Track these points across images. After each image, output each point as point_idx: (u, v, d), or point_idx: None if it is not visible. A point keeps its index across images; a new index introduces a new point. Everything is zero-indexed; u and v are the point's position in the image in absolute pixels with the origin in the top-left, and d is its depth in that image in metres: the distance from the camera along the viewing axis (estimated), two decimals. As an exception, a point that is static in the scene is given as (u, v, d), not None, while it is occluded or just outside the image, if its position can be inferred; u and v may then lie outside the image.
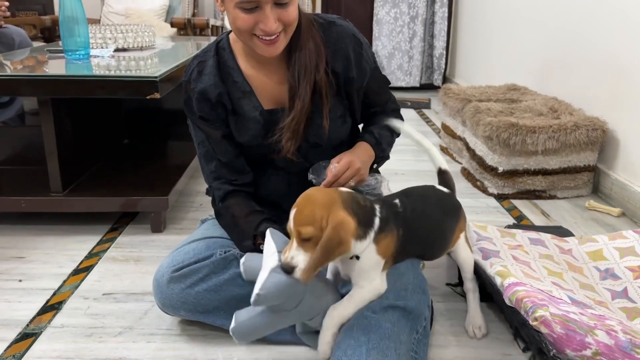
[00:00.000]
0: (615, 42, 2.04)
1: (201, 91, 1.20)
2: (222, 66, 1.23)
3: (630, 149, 1.95)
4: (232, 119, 1.24)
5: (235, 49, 1.24)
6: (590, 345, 1.04)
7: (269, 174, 1.31)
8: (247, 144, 1.25)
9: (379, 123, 1.36)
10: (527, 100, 2.43)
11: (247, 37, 1.11)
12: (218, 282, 1.17)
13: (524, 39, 2.94)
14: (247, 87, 1.22)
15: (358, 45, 1.26)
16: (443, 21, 4.18)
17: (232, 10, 1.08)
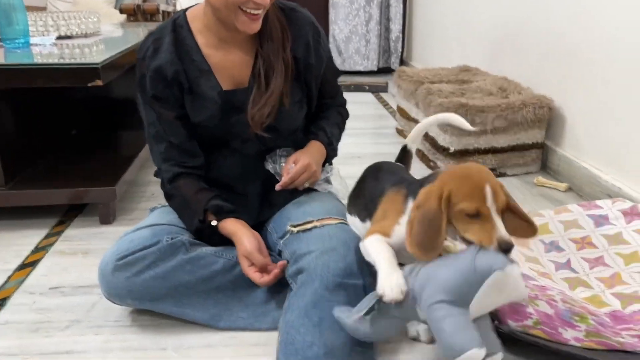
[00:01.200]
0: (563, 23, 2.08)
1: (157, 68, 1.18)
2: (180, 43, 1.21)
3: (576, 126, 2.01)
4: (188, 98, 1.22)
5: (194, 26, 1.22)
6: (531, 315, 1.08)
7: (224, 156, 1.30)
8: (202, 125, 1.24)
9: (328, 117, 1.40)
10: (478, 80, 2.47)
11: (232, 11, 1.11)
12: (165, 269, 1.15)
13: (476, 21, 2.98)
14: (206, 65, 1.21)
15: (317, 34, 1.30)
16: (398, 4, 4.20)
17: None
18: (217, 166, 1.30)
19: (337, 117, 1.45)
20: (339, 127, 1.43)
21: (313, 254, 1.11)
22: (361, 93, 3.83)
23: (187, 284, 1.16)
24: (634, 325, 1.15)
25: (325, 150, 1.35)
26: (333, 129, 1.40)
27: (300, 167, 1.24)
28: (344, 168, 2.35)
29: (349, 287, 1.07)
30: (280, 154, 1.31)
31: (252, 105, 1.22)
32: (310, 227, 1.19)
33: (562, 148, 2.09)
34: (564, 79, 2.08)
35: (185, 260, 1.16)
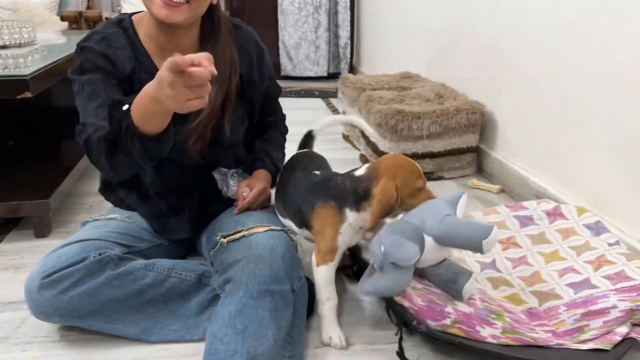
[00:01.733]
0: (494, 30, 2.17)
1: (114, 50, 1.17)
2: (131, 42, 1.21)
3: (507, 130, 2.10)
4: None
5: (140, 31, 1.22)
6: (449, 315, 1.13)
7: (162, 165, 1.27)
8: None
9: (272, 140, 1.47)
10: (417, 87, 2.54)
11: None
12: (93, 286, 1.14)
13: (417, 28, 3.06)
14: (155, 69, 1.20)
15: (260, 51, 1.34)
16: (346, 11, 4.26)
17: None
18: (155, 176, 1.30)
19: (280, 138, 1.52)
20: (282, 149, 1.51)
21: (240, 262, 1.13)
22: (311, 99, 3.87)
23: (117, 299, 1.16)
24: (548, 321, 1.22)
25: (272, 177, 1.42)
26: (278, 153, 1.48)
27: (257, 192, 1.30)
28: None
29: (275, 293, 1.09)
30: (232, 174, 1.34)
31: (193, 118, 1.22)
32: (239, 236, 1.21)
33: (495, 151, 2.18)
34: (494, 85, 2.17)
35: (114, 275, 1.15)
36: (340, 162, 2.47)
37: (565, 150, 1.73)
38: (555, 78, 1.76)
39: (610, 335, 1.12)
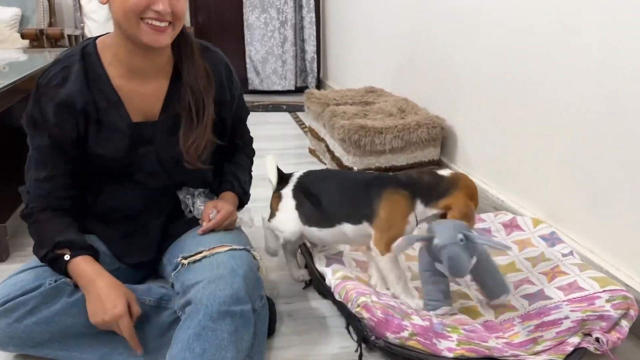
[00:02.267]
0: (451, 47, 2.23)
1: (65, 98, 1.16)
2: (89, 73, 1.19)
3: (466, 143, 2.15)
4: (93, 130, 1.20)
5: (104, 56, 1.21)
6: (406, 328, 1.15)
7: (126, 188, 1.29)
8: (106, 156, 1.22)
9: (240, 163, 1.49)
10: (380, 102, 2.58)
11: (134, 22, 1.10)
12: (49, 314, 1.12)
13: (381, 44, 3.12)
14: (115, 96, 1.20)
15: (229, 73, 1.35)
16: (311, 26, 4.31)
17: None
18: (117, 199, 1.29)
19: (247, 161, 1.54)
20: (250, 172, 1.53)
21: (200, 284, 1.12)
22: (279, 113, 3.89)
23: (74, 327, 1.14)
24: (503, 333, 1.25)
25: (239, 200, 1.43)
26: (245, 176, 1.49)
27: (225, 214, 1.29)
28: (255, 190, 2.38)
29: (235, 314, 1.08)
30: (199, 194, 1.34)
31: (183, 140, 1.23)
32: (200, 257, 1.19)
33: (456, 164, 2.23)
34: (453, 100, 2.23)
35: (71, 303, 1.14)
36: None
37: (521, 163, 1.78)
38: (509, 94, 1.82)
39: (563, 345, 1.16)
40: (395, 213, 1.25)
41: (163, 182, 1.29)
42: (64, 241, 1.16)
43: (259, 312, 1.18)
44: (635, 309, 1.21)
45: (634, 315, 1.21)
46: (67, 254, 1.15)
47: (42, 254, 1.17)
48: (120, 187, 1.28)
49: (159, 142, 1.25)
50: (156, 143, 1.25)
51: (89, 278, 1.13)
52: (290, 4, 4.23)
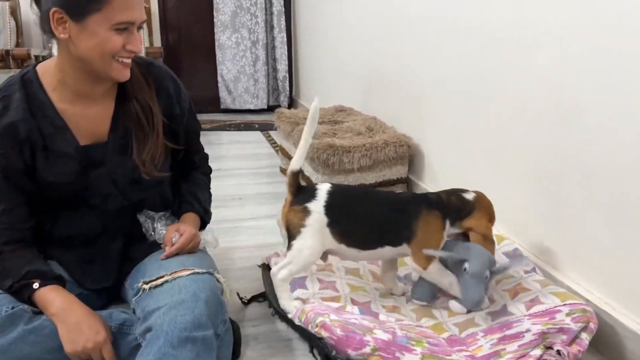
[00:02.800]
0: (415, 68, 2.28)
1: (7, 127, 1.15)
2: (31, 100, 1.18)
3: (433, 161, 2.19)
4: (41, 157, 1.19)
5: (45, 82, 1.19)
6: (368, 343, 1.15)
7: (81, 213, 1.27)
8: (57, 182, 1.21)
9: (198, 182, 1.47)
10: (349, 121, 2.61)
11: (108, 61, 1.12)
12: (5, 343, 1.09)
13: (350, 64, 3.16)
14: (60, 121, 1.19)
15: (177, 86, 1.35)
16: (283, 46, 4.34)
17: (103, 32, 1.09)
18: (74, 224, 1.27)
19: (205, 179, 1.53)
20: (209, 190, 1.52)
21: (161, 309, 1.11)
22: (251, 132, 3.89)
23: (31, 355, 1.11)
24: (467, 347, 1.26)
25: (201, 219, 1.42)
26: (204, 194, 1.48)
27: (188, 237, 1.28)
28: (224, 211, 2.37)
29: (197, 340, 1.07)
30: (159, 217, 1.33)
31: (138, 151, 1.23)
32: (162, 282, 1.18)
33: (423, 182, 2.26)
34: (418, 118, 2.27)
35: (28, 330, 1.11)
36: (276, 195, 2.51)
37: (484, 180, 1.82)
38: (472, 113, 1.86)
39: (525, 358, 1.18)
40: (431, 233, 1.35)
41: (120, 203, 1.28)
42: (34, 271, 1.15)
43: (222, 337, 1.17)
44: (594, 322, 1.24)
45: (594, 328, 1.23)
46: (36, 283, 1.14)
47: (7, 285, 1.15)
48: (77, 212, 1.27)
49: (110, 163, 1.24)
50: (107, 164, 1.24)
51: (63, 306, 1.13)
52: (262, 24, 4.26)
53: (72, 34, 1.10)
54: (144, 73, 1.28)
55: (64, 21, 1.09)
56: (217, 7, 4.20)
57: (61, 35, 1.11)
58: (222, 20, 4.24)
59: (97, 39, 1.10)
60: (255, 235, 2.04)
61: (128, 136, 1.24)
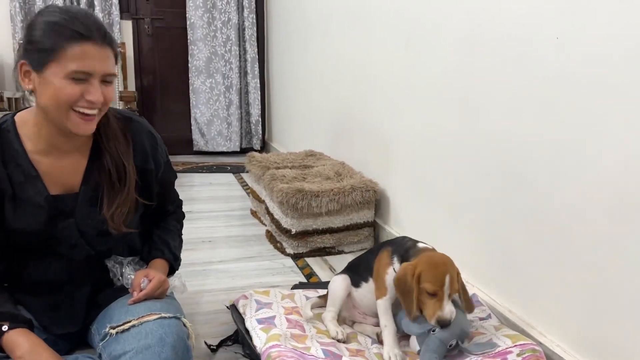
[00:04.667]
0: (380, 118, 2.39)
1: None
2: (6, 149, 1.21)
3: (398, 206, 2.27)
4: (9, 205, 1.21)
5: (22, 132, 1.23)
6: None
7: (48, 261, 1.28)
8: (26, 230, 1.22)
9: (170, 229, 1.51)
10: (319, 165, 2.69)
11: (64, 111, 1.13)
12: None
13: (320, 111, 3.27)
14: (33, 171, 1.22)
15: (153, 141, 1.38)
16: (256, 91, 4.45)
17: (58, 81, 1.10)
18: (43, 271, 1.29)
19: (177, 225, 1.56)
20: (180, 235, 1.55)
21: (128, 354, 1.13)
22: (223, 174, 3.94)
23: None
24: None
25: (170, 266, 1.46)
26: (176, 241, 1.51)
27: (157, 283, 1.30)
28: (194, 254, 2.39)
29: None
30: (128, 262, 1.35)
31: (107, 206, 1.25)
32: (129, 326, 1.20)
33: (389, 225, 2.33)
34: (384, 164, 2.36)
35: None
36: (247, 238, 2.55)
37: (444, 225, 1.90)
38: (432, 162, 1.96)
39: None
40: (381, 265, 1.47)
41: (86, 253, 1.30)
42: (4, 313, 1.17)
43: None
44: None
45: (543, 367, 1.29)
46: (5, 325, 1.15)
47: None
48: (44, 260, 1.28)
49: (79, 214, 1.27)
50: (76, 215, 1.26)
51: (30, 350, 1.13)
52: (236, 70, 4.38)
53: (35, 84, 1.13)
54: (122, 128, 1.31)
55: (29, 73, 1.13)
56: (192, 52, 4.32)
57: (27, 86, 1.15)
58: (197, 65, 4.35)
59: (53, 88, 1.11)
60: (223, 278, 2.07)
61: (99, 189, 1.27)
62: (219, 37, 4.35)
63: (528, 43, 1.45)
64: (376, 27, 2.40)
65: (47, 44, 1.11)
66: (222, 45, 4.36)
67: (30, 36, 1.13)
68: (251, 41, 4.39)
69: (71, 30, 1.11)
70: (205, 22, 4.30)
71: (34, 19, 1.15)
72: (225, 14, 4.31)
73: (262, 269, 2.18)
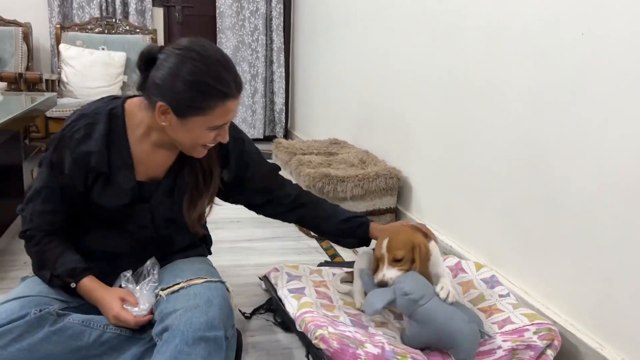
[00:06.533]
0: (402, 107, 2.47)
1: (83, 155, 1.26)
2: (112, 134, 1.29)
3: (419, 193, 2.36)
4: (101, 184, 1.31)
5: (129, 120, 1.30)
6: (360, 356, 1.28)
7: (114, 234, 1.38)
8: (105, 206, 1.33)
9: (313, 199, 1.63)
10: (343, 153, 2.78)
11: (195, 147, 1.26)
12: (32, 342, 1.19)
13: (344, 100, 3.36)
14: (129, 159, 1.31)
15: (241, 144, 1.48)
16: (281, 80, 4.55)
17: (199, 130, 1.21)
18: (105, 241, 1.39)
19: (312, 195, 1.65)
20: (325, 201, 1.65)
21: (178, 312, 1.21)
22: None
23: (54, 354, 1.20)
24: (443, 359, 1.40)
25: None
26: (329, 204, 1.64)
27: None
28: (223, 232, 2.49)
29: (209, 340, 1.18)
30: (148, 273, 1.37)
31: (188, 209, 1.35)
32: (178, 288, 1.29)
33: (411, 212, 2.42)
34: (406, 153, 2.45)
35: (52, 331, 1.21)
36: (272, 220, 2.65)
37: (465, 212, 1.98)
38: (453, 150, 2.04)
39: (496, 372, 1.31)
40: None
41: (150, 234, 1.40)
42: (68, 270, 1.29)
43: (230, 340, 1.28)
44: (558, 340, 1.39)
45: (558, 346, 1.38)
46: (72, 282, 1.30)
47: (47, 278, 1.29)
48: (109, 232, 1.38)
49: (154, 201, 1.37)
50: (152, 202, 1.36)
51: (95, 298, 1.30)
52: (262, 59, 4.48)
53: (172, 123, 1.22)
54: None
55: (167, 113, 1.20)
56: (220, 41, 4.42)
57: (162, 122, 1.22)
58: (225, 53, 4.45)
59: (194, 134, 1.23)
60: (252, 255, 2.18)
61: (177, 183, 1.37)
62: (247, 26, 4.45)
63: (554, 37, 1.52)
64: (402, 20, 2.48)
65: (194, 102, 1.18)
66: (249, 35, 4.46)
67: (174, 86, 1.17)
68: (278, 31, 4.48)
69: (217, 91, 1.18)
70: (234, 11, 4.40)
71: (177, 67, 1.17)
72: (253, 4, 4.40)
73: (288, 248, 2.29)
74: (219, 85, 1.18)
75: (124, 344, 1.30)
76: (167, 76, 1.17)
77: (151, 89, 1.21)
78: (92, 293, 1.30)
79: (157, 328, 1.23)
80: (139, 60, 1.22)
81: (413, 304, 1.36)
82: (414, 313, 1.37)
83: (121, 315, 1.26)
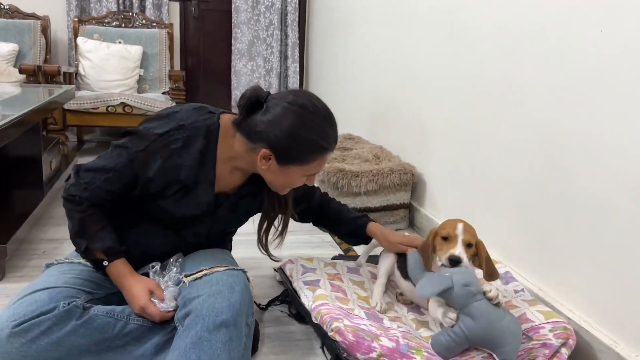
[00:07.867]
0: (418, 104, 2.47)
1: (173, 166, 1.29)
2: (206, 151, 1.32)
3: (433, 189, 2.36)
4: (179, 194, 1.33)
5: (221, 139, 1.33)
6: (375, 349, 1.30)
7: (166, 234, 1.41)
8: (173, 213, 1.35)
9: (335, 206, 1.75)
10: (357, 148, 2.79)
11: (286, 188, 1.38)
12: (60, 335, 1.20)
13: (358, 96, 3.36)
14: (213, 177, 1.34)
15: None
16: (295, 75, 4.56)
17: (296, 176, 1.32)
18: (151, 237, 1.40)
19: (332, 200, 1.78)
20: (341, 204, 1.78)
21: (201, 297, 1.24)
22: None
23: (80, 346, 1.23)
24: (460, 357, 1.40)
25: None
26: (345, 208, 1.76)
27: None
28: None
29: (230, 325, 1.20)
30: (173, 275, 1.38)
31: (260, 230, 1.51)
32: (201, 275, 1.32)
33: (424, 208, 2.43)
34: (421, 149, 2.45)
35: (79, 324, 1.23)
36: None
37: (480, 209, 1.99)
38: (468, 147, 2.04)
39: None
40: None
41: (200, 241, 1.45)
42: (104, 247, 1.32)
43: (250, 328, 1.31)
44: (573, 338, 1.38)
45: (573, 344, 1.38)
46: (105, 260, 1.33)
47: (82, 248, 1.32)
48: (160, 231, 1.40)
49: (219, 215, 1.41)
50: (217, 215, 1.40)
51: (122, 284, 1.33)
52: (277, 54, 4.50)
53: (270, 168, 1.28)
54: None
55: (269, 158, 1.27)
56: (236, 36, 4.44)
57: (262, 166, 1.29)
58: (239, 48, 4.48)
59: (289, 179, 1.33)
60: (266, 248, 2.19)
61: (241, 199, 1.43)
62: (262, 21, 4.46)
63: (572, 34, 1.52)
64: (419, 16, 2.48)
65: (298, 154, 1.27)
66: (264, 30, 4.48)
67: (281, 137, 1.24)
68: (293, 26, 4.49)
69: (321, 147, 1.28)
70: (250, 6, 4.41)
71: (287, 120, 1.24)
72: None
73: (302, 241, 2.30)
74: (323, 142, 1.27)
75: (146, 334, 1.32)
76: (275, 126, 1.24)
77: (255, 132, 1.26)
78: (122, 278, 1.32)
79: (180, 313, 1.25)
80: (242, 98, 1.28)
81: (471, 297, 1.35)
82: (468, 307, 1.36)
83: (148, 309, 1.28)
